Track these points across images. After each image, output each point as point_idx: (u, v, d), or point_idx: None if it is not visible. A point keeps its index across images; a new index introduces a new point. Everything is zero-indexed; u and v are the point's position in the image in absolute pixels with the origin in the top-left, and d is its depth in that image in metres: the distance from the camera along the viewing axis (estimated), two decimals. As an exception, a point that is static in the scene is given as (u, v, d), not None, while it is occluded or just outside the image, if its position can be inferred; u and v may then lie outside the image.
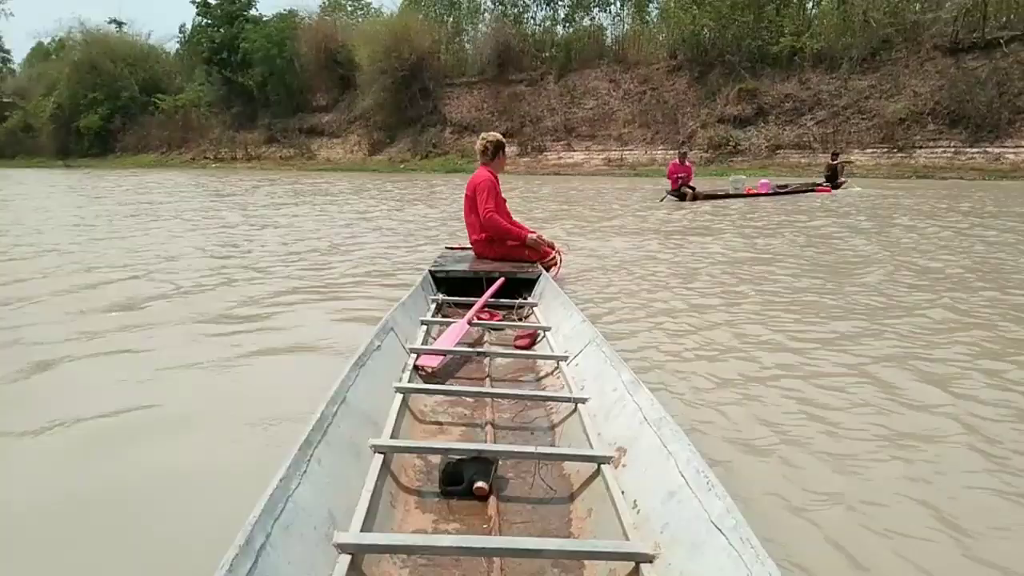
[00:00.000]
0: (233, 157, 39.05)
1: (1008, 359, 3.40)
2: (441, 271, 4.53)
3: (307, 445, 1.62)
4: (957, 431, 2.57)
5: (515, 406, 2.59)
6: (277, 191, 17.56)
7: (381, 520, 1.67)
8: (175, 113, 43.42)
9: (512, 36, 34.01)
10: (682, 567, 1.41)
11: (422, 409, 2.47)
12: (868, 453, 2.40)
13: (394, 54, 33.08)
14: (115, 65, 45.78)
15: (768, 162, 25.15)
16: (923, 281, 5.42)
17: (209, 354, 3.47)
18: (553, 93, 32.03)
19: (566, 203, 13.96)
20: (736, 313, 4.41)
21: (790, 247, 7.28)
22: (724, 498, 1.47)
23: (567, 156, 29.73)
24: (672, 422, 1.86)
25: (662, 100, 29.48)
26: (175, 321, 4.18)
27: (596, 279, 5.65)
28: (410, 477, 1.98)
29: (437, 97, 34.23)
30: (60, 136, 47.19)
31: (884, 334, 3.86)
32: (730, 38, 28.37)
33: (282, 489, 1.41)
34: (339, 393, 1.97)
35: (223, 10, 41.55)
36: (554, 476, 2.04)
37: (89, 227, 9.40)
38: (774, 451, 2.42)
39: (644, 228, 9.09)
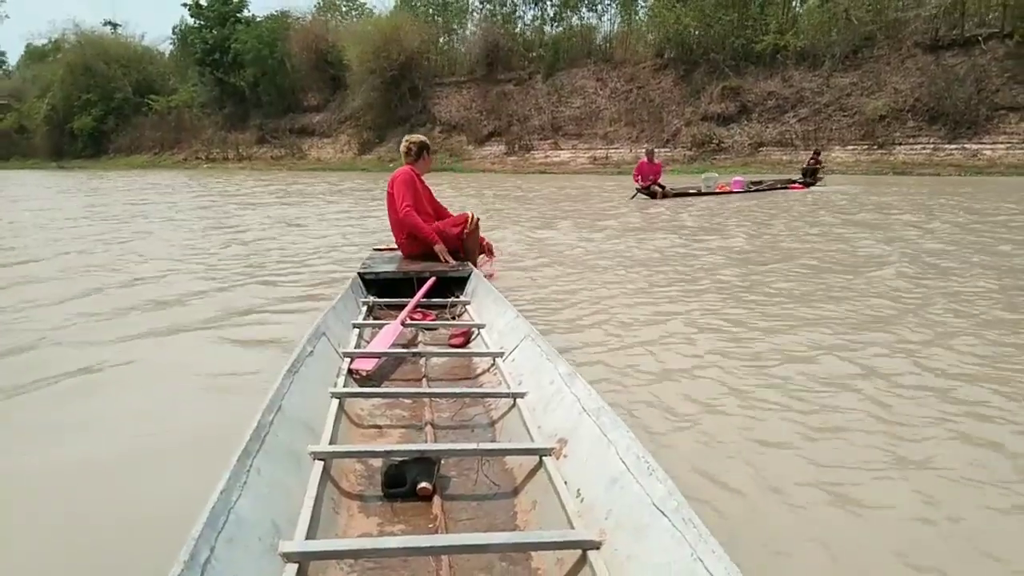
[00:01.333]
0: (225, 157, 39.51)
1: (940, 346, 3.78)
2: (370, 273, 4.50)
3: (245, 455, 1.61)
4: (874, 407, 2.76)
5: (454, 404, 2.60)
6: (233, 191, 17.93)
7: (325, 527, 1.67)
8: (168, 114, 43.90)
9: (501, 36, 34.41)
10: (628, 551, 1.45)
11: (359, 413, 2.48)
12: (801, 431, 2.56)
13: (383, 54, 33.51)
14: (109, 67, 46.27)
15: (751, 159, 25.54)
16: (866, 268, 5.86)
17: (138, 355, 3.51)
18: (541, 92, 32.44)
19: (527, 202, 14.35)
20: (677, 305, 4.61)
21: (741, 242, 7.61)
22: (665, 481, 1.51)
23: (554, 155, 30.14)
24: (610, 411, 1.91)
25: (648, 99, 29.88)
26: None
27: (545, 275, 5.81)
28: (351, 482, 1.98)
29: (426, 97, 34.67)
30: (54, 137, 47.69)
31: (816, 320, 4.14)
32: (715, 36, 28.74)
33: (223, 501, 1.40)
34: (274, 401, 1.96)
35: (215, 11, 41.95)
36: (497, 471, 2.07)
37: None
38: (713, 434, 2.54)
39: (603, 226, 9.49)
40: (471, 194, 16.41)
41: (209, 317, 4.35)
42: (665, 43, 30.51)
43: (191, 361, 3.49)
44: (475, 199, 14.92)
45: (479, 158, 31.48)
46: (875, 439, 2.48)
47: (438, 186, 18.49)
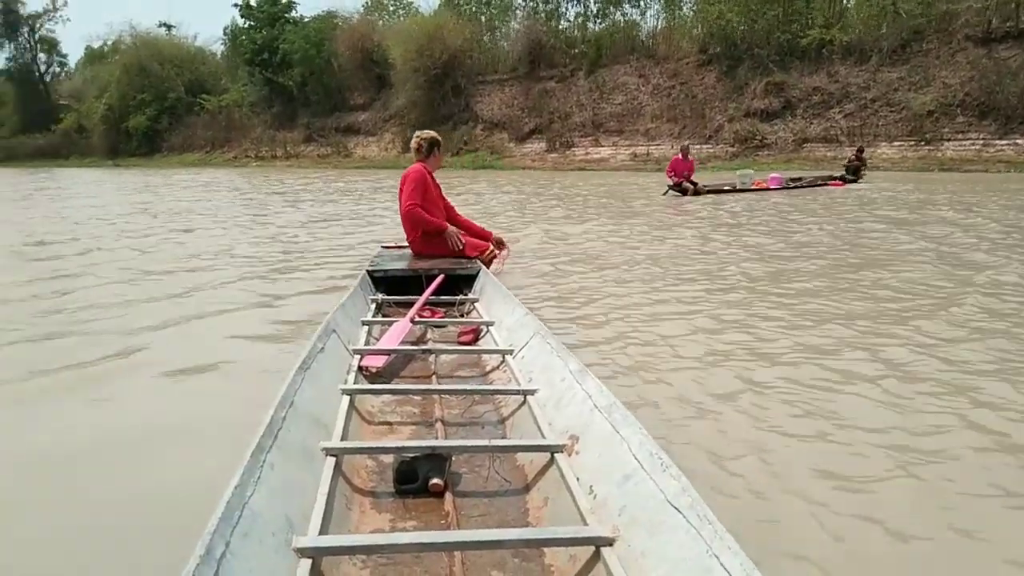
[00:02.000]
0: (273, 156, 40.42)
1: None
2: (379, 270, 4.55)
3: (259, 451, 1.64)
4: (895, 408, 2.81)
5: (464, 401, 2.63)
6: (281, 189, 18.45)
7: (338, 522, 1.69)
8: (219, 113, 45.08)
9: (543, 33, 34.56)
10: (642, 547, 1.45)
11: (370, 410, 2.51)
12: (817, 427, 2.61)
13: (427, 53, 33.93)
14: (162, 67, 47.78)
15: (794, 156, 25.30)
16: (881, 273, 5.89)
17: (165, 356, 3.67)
18: (582, 89, 32.52)
19: (560, 198, 14.52)
20: (695, 303, 4.70)
21: (768, 238, 7.71)
22: (679, 478, 1.52)
23: (594, 152, 30.22)
24: (622, 407, 1.93)
25: (691, 95, 29.75)
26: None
27: (563, 271, 5.98)
28: (363, 478, 2.00)
29: (469, 95, 35.00)
30: (111, 136, 49.32)
31: (838, 317, 4.18)
32: (759, 31, 28.48)
33: (238, 496, 1.42)
34: (287, 398, 1.99)
35: (264, 12, 42.93)
36: (508, 468, 2.09)
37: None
38: (729, 432, 2.59)
39: (631, 223, 9.66)
40: (509, 191, 16.65)
41: (237, 307, 4.77)
42: (709, 38, 30.32)
43: (207, 349, 3.79)
44: (507, 196, 15.13)
45: (520, 155, 31.71)
46: (892, 438, 2.51)
47: (476, 183, 18.82)
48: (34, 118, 57.00)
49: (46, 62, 63.92)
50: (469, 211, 8.05)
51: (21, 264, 6.73)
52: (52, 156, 52.40)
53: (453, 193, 16.07)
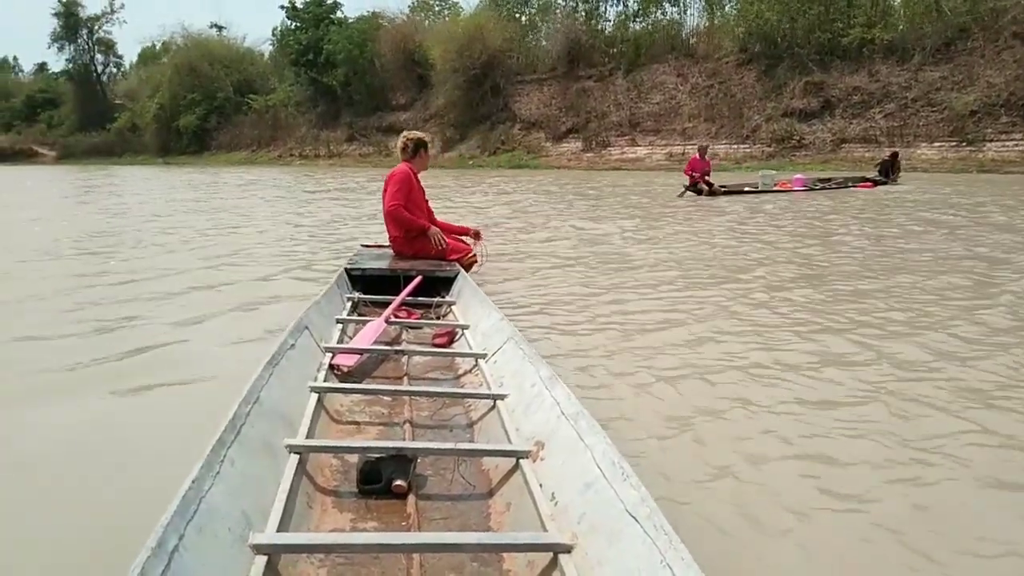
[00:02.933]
0: (316, 155, 41.38)
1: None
2: (357, 269, 4.57)
3: (220, 445, 1.64)
4: (873, 416, 2.84)
5: (433, 404, 2.64)
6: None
7: (298, 520, 1.69)
8: (265, 113, 46.27)
9: (583, 33, 34.77)
10: (599, 556, 1.47)
11: (338, 409, 2.52)
12: (781, 440, 2.63)
13: (466, 53, 34.46)
14: (212, 67, 49.32)
15: (831, 156, 25.11)
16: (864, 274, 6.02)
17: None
18: (620, 88, 32.67)
19: (579, 197, 14.75)
20: (682, 304, 4.74)
21: (768, 246, 7.61)
22: (639, 488, 1.54)
23: (630, 151, 30.33)
24: (588, 416, 1.95)
25: (729, 94, 29.70)
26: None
27: (547, 273, 6.03)
28: (327, 477, 2.00)
29: (507, 94, 35.42)
30: (162, 135, 50.96)
31: (825, 328, 4.16)
32: (800, 30, 28.27)
33: (195, 490, 1.42)
34: (252, 393, 1.99)
35: (310, 13, 43.95)
36: (473, 472, 2.10)
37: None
38: (691, 443, 2.62)
39: (634, 224, 9.87)
40: (527, 191, 16.93)
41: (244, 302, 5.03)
42: (748, 37, 30.19)
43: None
44: (524, 196, 15.42)
45: (556, 155, 31.99)
46: (877, 452, 2.52)
47: (506, 183, 19.11)
48: (91, 117, 59.23)
49: (103, 63, 66.34)
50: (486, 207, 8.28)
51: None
52: (107, 154, 54.38)
53: (471, 191, 16.43)
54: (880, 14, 27.93)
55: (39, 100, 66.84)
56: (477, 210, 12.09)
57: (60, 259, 7.05)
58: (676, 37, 34.05)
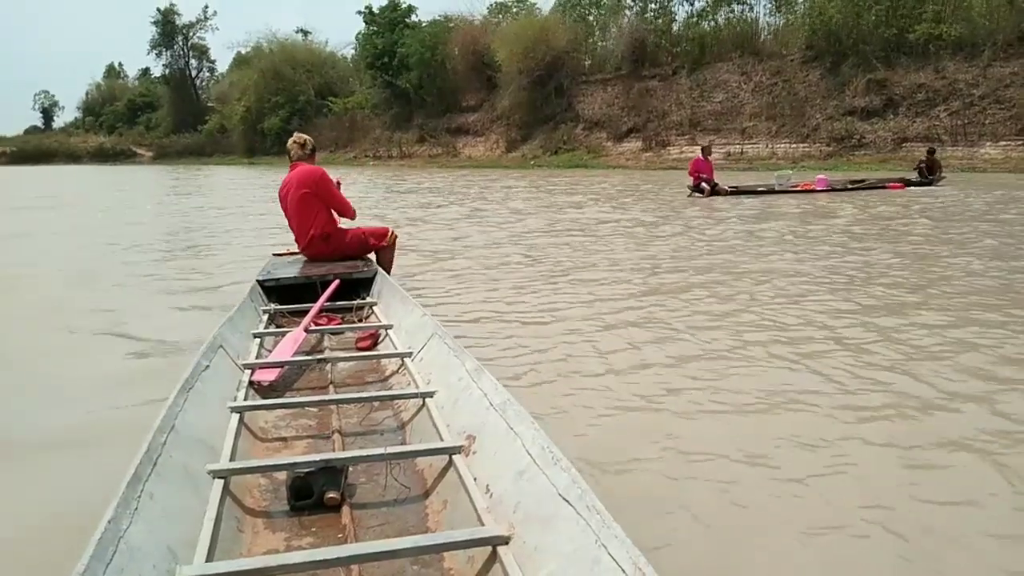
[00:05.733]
0: (389, 156, 43.18)
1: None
2: (270, 280, 4.43)
3: (136, 480, 1.59)
4: (799, 395, 3.14)
5: (362, 409, 2.61)
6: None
7: (228, 547, 1.66)
8: (344, 115, 48.44)
9: (648, 32, 35.16)
10: (536, 543, 1.49)
11: (262, 426, 2.48)
12: (703, 418, 2.86)
13: (531, 54, 35.38)
14: (295, 71, 52.01)
15: (891, 156, 24.85)
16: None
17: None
18: (683, 87, 32.95)
19: (597, 196, 15.40)
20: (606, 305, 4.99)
21: (725, 245, 7.95)
22: (569, 470, 1.56)
23: (689, 150, 30.50)
24: (516, 404, 1.98)
25: (792, 92, 29.61)
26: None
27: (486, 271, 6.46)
28: (255, 498, 1.97)
29: (571, 95, 36.18)
30: (248, 136, 53.96)
31: (715, 306, 4.66)
32: (866, 27, 27.98)
33: (112, 531, 1.38)
34: (167, 420, 1.96)
35: (386, 17, 45.81)
36: (407, 474, 2.10)
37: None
38: (619, 425, 2.79)
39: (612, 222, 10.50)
40: (563, 191, 17.63)
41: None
42: (813, 35, 30.02)
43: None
44: (552, 196, 16.16)
45: (616, 154, 32.56)
46: (809, 426, 2.79)
47: (558, 181, 19.77)
48: (185, 119, 63.23)
49: (197, 68, 70.70)
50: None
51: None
52: (198, 154, 57.96)
53: (530, 197, 17.14)
54: (950, 9, 27.35)
55: (139, 103, 71.98)
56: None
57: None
58: (744, 35, 34.01)
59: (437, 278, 6.34)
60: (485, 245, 8.30)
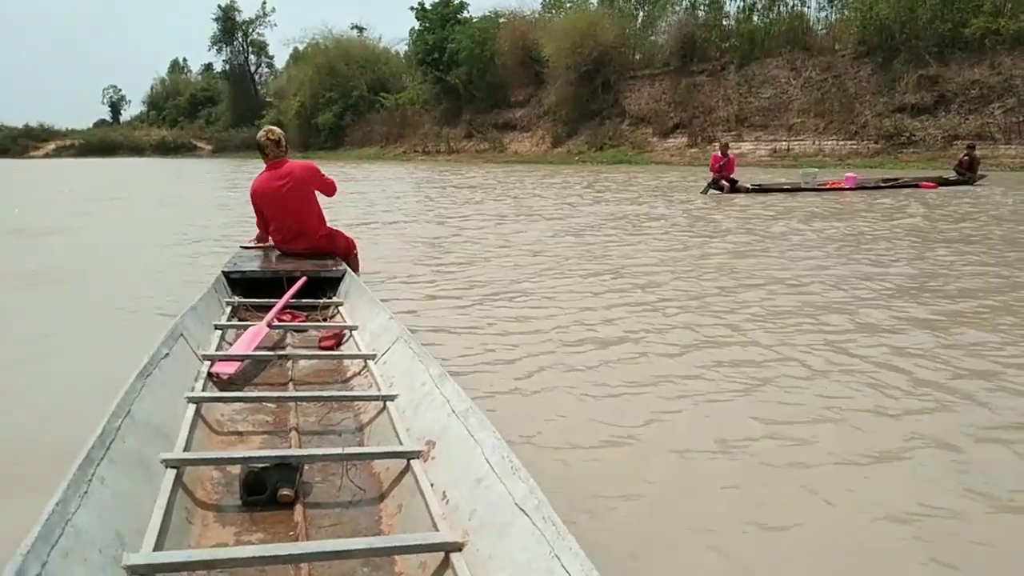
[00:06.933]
0: (437, 151, 43.82)
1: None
2: (236, 272, 4.40)
3: (88, 463, 1.58)
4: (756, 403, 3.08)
5: (321, 409, 2.61)
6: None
7: (177, 538, 1.65)
8: (395, 110, 49.28)
9: (697, 28, 34.98)
10: (490, 551, 1.50)
11: (219, 419, 2.47)
12: (663, 430, 2.80)
13: (579, 50, 35.53)
14: (349, 67, 52.97)
15: (941, 154, 24.37)
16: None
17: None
18: (731, 83, 32.76)
19: (615, 191, 15.52)
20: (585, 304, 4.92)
21: (727, 241, 7.98)
22: (527, 480, 1.56)
23: (734, 147, 30.28)
24: (479, 411, 1.97)
25: (842, 88, 29.22)
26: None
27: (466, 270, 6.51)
28: (208, 491, 1.96)
29: (618, 90, 36.26)
30: (303, 131, 55.00)
31: (689, 318, 4.47)
32: (920, 21, 27.42)
33: (59, 513, 1.37)
34: (122, 406, 1.94)
35: (437, 13, 46.41)
36: (363, 476, 2.09)
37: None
38: (584, 435, 2.73)
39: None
40: (579, 190, 17.73)
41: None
42: (864, 31, 29.53)
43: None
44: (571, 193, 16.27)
45: (661, 150, 32.57)
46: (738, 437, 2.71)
47: (601, 177, 19.87)
48: (243, 114, 64.83)
49: (255, 63, 72.36)
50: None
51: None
52: (255, 148, 59.02)
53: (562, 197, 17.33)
54: (1010, 3, 26.62)
55: (200, 98, 74.17)
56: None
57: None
58: (795, 30, 33.57)
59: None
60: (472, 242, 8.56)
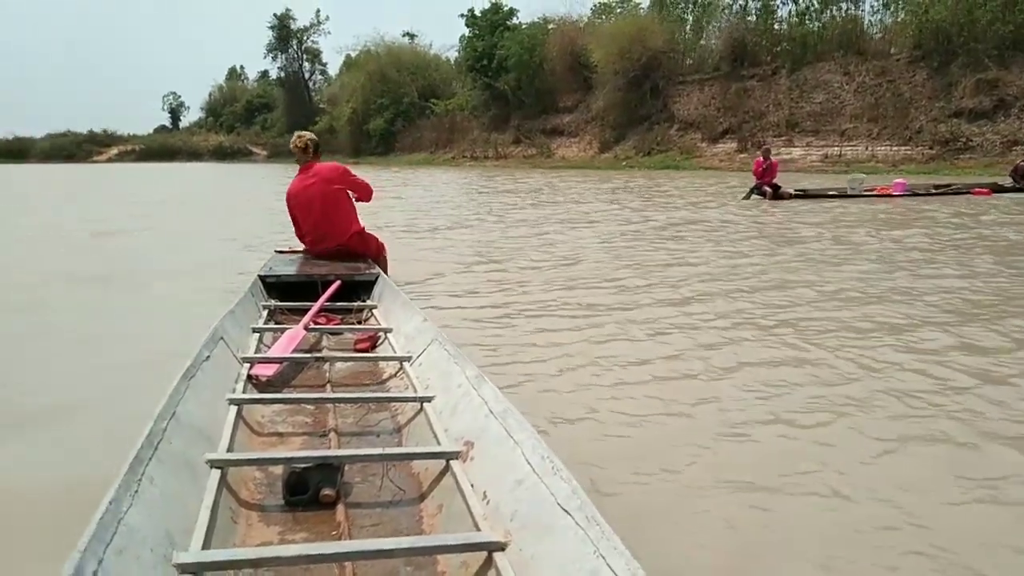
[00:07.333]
0: (485, 156, 44.12)
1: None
2: (272, 275, 4.49)
3: (137, 464, 1.61)
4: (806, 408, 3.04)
5: (359, 410, 2.64)
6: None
7: (223, 536, 1.68)
8: (445, 116, 49.80)
9: (748, 32, 34.62)
10: (533, 551, 1.51)
11: (259, 420, 2.51)
12: (704, 426, 2.81)
13: (627, 55, 35.46)
14: (400, 74, 53.77)
15: (999, 160, 23.64)
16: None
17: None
18: (782, 88, 32.31)
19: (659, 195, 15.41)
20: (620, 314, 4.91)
21: (760, 247, 7.89)
22: (569, 481, 1.57)
23: (785, 152, 29.95)
24: (517, 413, 1.98)
25: (897, 92, 28.58)
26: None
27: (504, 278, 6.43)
28: (251, 491, 1.99)
29: (667, 95, 36.03)
30: (355, 137, 56.17)
31: (698, 320, 4.52)
32: (979, 24, 26.71)
33: (112, 512, 1.40)
34: (168, 408, 1.98)
35: (487, 20, 46.80)
36: (403, 476, 2.10)
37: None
38: (622, 435, 2.77)
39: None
40: (631, 196, 17.68)
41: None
42: (920, 34, 28.87)
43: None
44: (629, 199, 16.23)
45: (710, 155, 32.25)
46: (780, 451, 2.68)
47: (647, 182, 19.77)
48: (297, 120, 65.85)
49: (310, 70, 73.81)
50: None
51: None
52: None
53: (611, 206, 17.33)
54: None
55: (256, 104, 75.99)
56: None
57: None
58: (848, 34, 32.98)
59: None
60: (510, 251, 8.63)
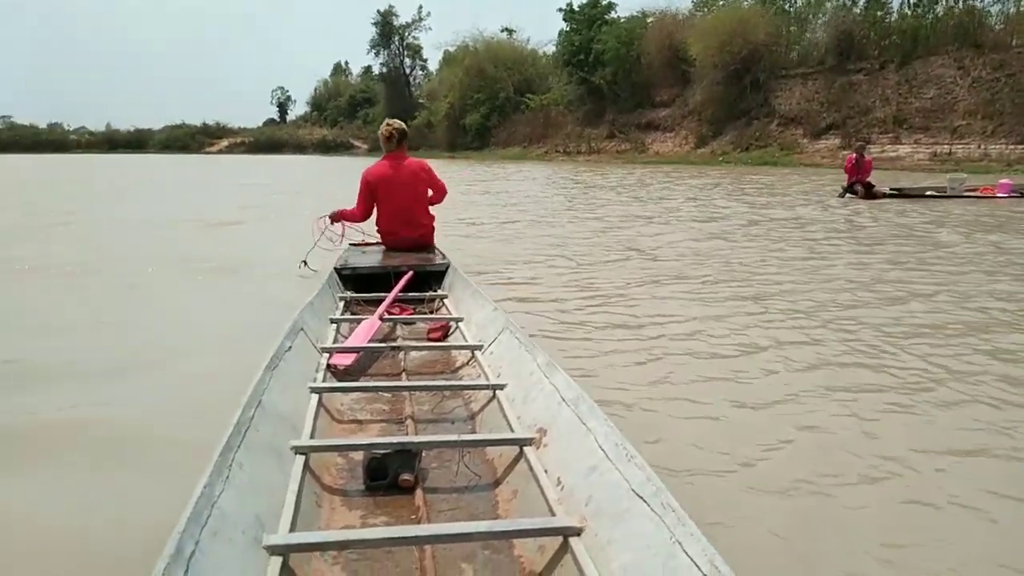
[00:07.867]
0: (578, 151, 44.06)
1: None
2: (347, 268, 4.67)
3: (227, 450, 1.68)
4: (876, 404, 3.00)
5: (433, 398, 2.70)
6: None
7: (308, 520, 1.75)
8: (539, 111, 49.94)
9: (855, 24, 33.30)
10: (608, 536, 1.52)
11: (339, 408, 2.59)
12: (780, 423, 2.79)
13: (727, 48, 34.71)
14: (496, 69, 54.10)
15: None
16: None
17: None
18: (890, 83, 30.96)
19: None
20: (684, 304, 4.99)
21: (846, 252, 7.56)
22: (644, 467, 1.59)
23: (891, 150, 28.72)
24: (589, 400, 2.01)
25: (1016, 88, 26.93)
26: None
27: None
28: (333, 476, 2.06)
29: (768, 90, 35.11)
30: (451, 132, 56.93)
31: (777, 319, 4.43)
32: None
33: (206, 496, 1.46)
34: (254, 397, 2.05)
35: (585, 15, 46.66)
36: (477, 462, 2.16)
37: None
38: (694, 426, 2.79)
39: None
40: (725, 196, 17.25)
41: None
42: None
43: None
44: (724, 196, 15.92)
45: (811, 152, 31.20)
46: (856, 451, 2.62)
47: (742, 178, 19.41)
48: (397, 115, 64.58)
49: (411, 66, 75.25)
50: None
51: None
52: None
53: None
54: None
55: (358, 99, 78.07)
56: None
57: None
58: (965, 26, 31.26)
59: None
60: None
